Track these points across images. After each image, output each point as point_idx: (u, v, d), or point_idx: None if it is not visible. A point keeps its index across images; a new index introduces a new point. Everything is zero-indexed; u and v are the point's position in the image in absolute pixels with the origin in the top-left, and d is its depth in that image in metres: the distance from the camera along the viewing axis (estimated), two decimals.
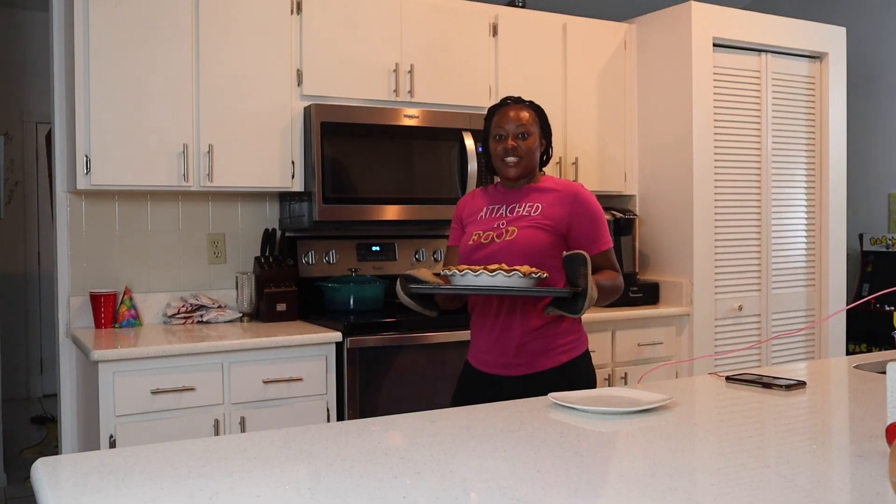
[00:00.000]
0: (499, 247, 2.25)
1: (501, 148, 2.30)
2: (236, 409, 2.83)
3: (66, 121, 3.18)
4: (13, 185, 6.16)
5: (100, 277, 3.25)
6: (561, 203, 2.27)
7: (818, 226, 4.26)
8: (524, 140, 2.29)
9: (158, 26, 3.02)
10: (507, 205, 2.32)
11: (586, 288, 1.99)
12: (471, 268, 2.04)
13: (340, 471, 1.19)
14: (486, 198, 2.41)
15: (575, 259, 2.03)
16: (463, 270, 2.03)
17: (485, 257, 2.25)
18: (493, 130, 2.34)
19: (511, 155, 2.28)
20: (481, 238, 2.29)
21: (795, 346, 4.20)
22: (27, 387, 6.25)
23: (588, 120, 3.98)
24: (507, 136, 2.29)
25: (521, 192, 2.33)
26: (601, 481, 1.15)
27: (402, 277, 2.09)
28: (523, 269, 2.03)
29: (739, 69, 4.00)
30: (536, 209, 2.27)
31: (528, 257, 2.19)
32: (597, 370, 3.69)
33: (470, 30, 3.66)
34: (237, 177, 3.16)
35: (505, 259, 2.21)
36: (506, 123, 2.30)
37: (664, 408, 1.60)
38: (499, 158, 2.31)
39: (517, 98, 2.39)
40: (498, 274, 1.99)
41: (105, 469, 1.20)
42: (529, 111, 2.34)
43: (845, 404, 1.80)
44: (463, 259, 2.34)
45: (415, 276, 2.07)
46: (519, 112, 2.33)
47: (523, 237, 2.23)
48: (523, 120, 2.31)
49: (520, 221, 2.26)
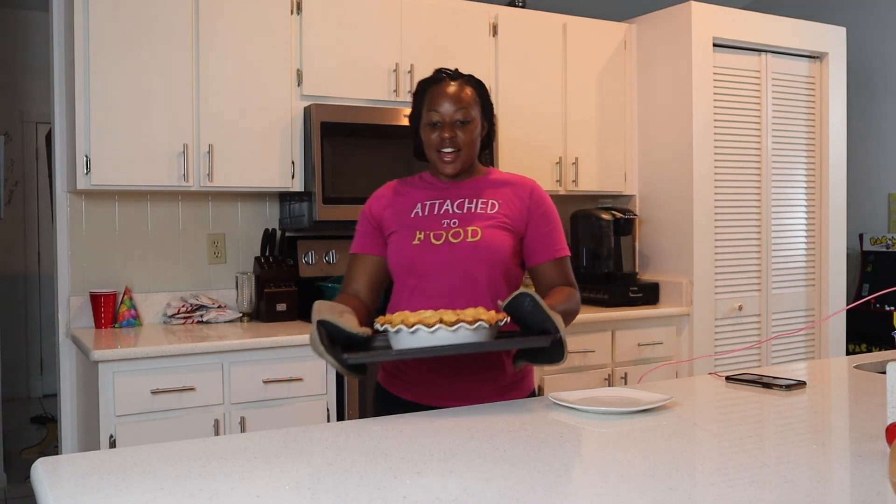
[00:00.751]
0: (456, 249, 1.88)
1: (437, 137, 1.92)
2: (236, 409, 2.83)
3: (66, 121, 3.18)
4: (13, 185, 6.16)
5: (100, 277, 3.25)
6: (518, 199, 1.97)
7: (818, 226, 4.26)
8: (464, 128, 1.92)
9: (158, 26, 3.02)
10: (453, 200, 1.96)
11: (561, 333, 1.62)
12: (423, 321, 1.57)
13: (340, 471, 1.19)
14: (416, 191, 2.01)
15: (529, 299, 1.63)
16: (413, 326, 1.57)
17: (440, 263, 1.88)
18: (427, 115, 1.94)
19: (448, 146, 1.91)
20: (431, 238, 1.90)
21: (795, 346, 4.20)
22: (27, 387, 6.25)
23: (588, 120, 3.98)
24: (442, 124, 1.92)
25: (468, 186, 1.99)
26: (601, 481, 1.15)
27: (321, 324, 1.61)
28: (487, 315, 1.62)
29: (739, 69, 4.00)
30: (493, 206, 1.94)
31: (496, 264, 1.88)
32: (597, 370, 3.70)
33: (470, 30, 3.66)
34: (237, 177, 3.16)
35: (467, 265, 1.87)
36: (441, 106, 1.91)
37: (664, 408, 1.60)
38: (433, 149, 1.93)
39: (454, 72, 1.98)
40: (460, 328, 1.57)
41: (105, 469, 1.20)
42: (469, 89, 1.95)
43: (845, 404, 1.80)
44: (400, 268, 1.92)
45: (338, 325, 1.61)
46: (457, 92, 1.92)
47: (490, 239, 1.89)
48: (463, 102, 1.92)
49: (480, 220, 1.91)
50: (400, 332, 1.59)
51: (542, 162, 3.85)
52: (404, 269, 1.92)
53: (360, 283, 1.98)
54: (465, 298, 1.86)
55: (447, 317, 1.59)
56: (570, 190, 3.94)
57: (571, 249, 4.12)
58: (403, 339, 1.60)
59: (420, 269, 1.89)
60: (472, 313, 1.62)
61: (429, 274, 1.89)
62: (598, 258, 3.99)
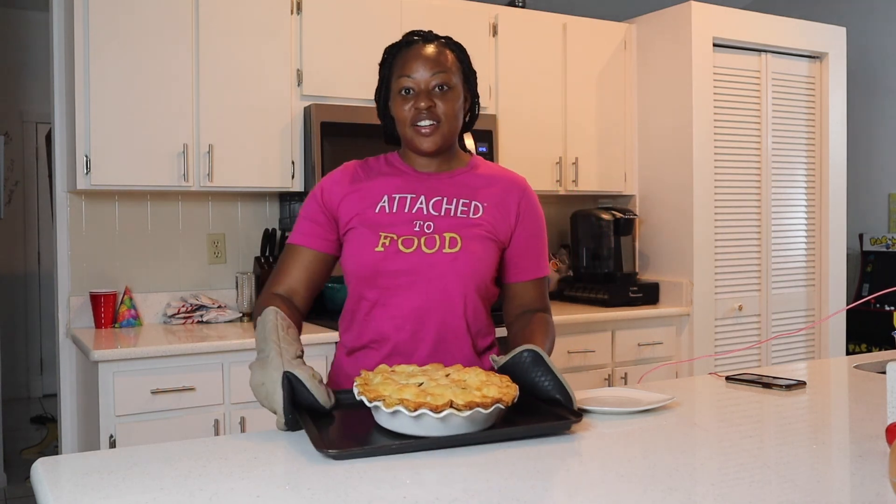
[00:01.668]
0: (430, 261, 1.56)
1: (411, 108, 1.57)
2: (236, 409, 2.83)
3: (66, 121, 3.18)
4: (13, 185, 6.16)
5: (100, 277, 3.25)
6: (506, 203, 1.66)
7: (818, 226, 4.26)
8: (443, 95, 1.58)
9: (159, 26, 3.02)
10: (429, 197, 1.63)
11: (571, 398, 1.40)
12: (404, 403, 1.25)
13: (341, 471, 1.19)
14: (382, 179, 1.65)
15: (540, 361, 1.40)
16: (416, 410, 1.24)
17: (408, 277, 1.56)
18: (397, 81, 1.59)
19: (426, 118, 1.57)
20: (399, 244, 1.57)
21: (795, 346, 4.20)
22: (27, 387, 6.25)
23: (588, 120, 3.98)
24: (417, 92, 1.58)
25: (447, 180, 1.65)
26: (601, 481, 1.15)
27: (288, 377, 1.34)
28: (503, 391, 1.32)
29: (739, 69, 4.00)
30: (477, 210, 1.63)
31: (476, 282, 1.60)
32: (597, 370, 3.69)
33: (470, 30, 3.66)
34: (237, 177, 3.16)
35: (442, 281, 1.56)
36: (415, 71, 1.57)
37: (664, 408, 1.60)
38: (407, 123, 1.59)
39: (428, 33, 1.64)
40: (476, 412, 1.26)
41: (105, 469, 1.20)
42: (449, 52, 1.62)
43: (845, 404, 1.80)
44: (358, 279, 1.60)
45: (308, 390, 1.35)
46: (435, 54, 1.59)
47: (472, 251, 1.58)
48: (442, 65, 1.58)
49: (460, 227, 1.59)
50: (398, 414, 1.27)
51: (542, 162, 3.85)
52: (363, 280, 1.60)
53: (297, 282, 1.64)
54: (436, 322, 1.59)
55: (458, 397, 1.26)
56: (570, 190, 3.94)
57: (572, 249, 4.16)
58: (402, 423, 1.28)
59: (383, 281, 1.58)
60: (475, 380, 1.34)
61: (394, 289, 1.58)
62: (598, 258, 3.99)
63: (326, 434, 1.31)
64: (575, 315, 3.53)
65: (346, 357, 1.69)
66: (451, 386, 1.31)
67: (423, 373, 1.38)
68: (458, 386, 1.31)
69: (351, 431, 1.36)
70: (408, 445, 1.25)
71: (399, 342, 1.61)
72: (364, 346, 1.65)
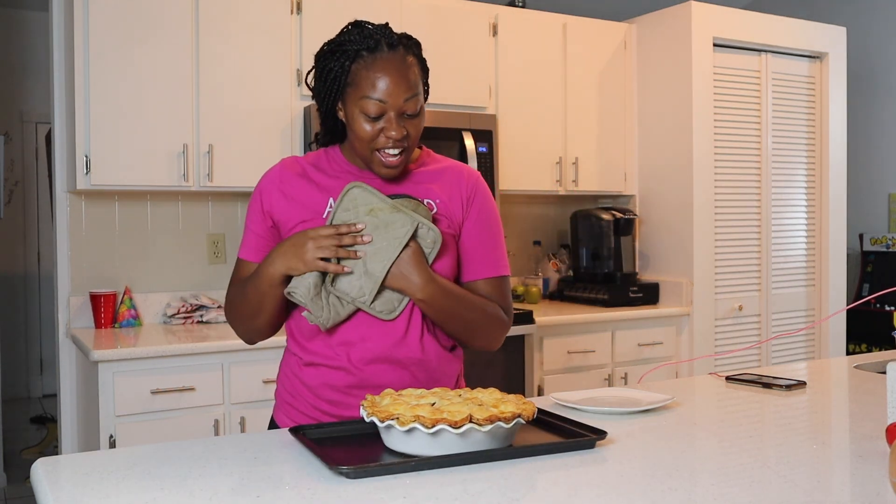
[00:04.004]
0: None
1: (382, 136, 1.44)
2: (236, 409, 2.83)
3: (66, 121, 3.18)
4: (13, 185, 6.16)
5: (100, 277, 3.25)
6: (455, 190, 1.55)
7: (818, 226, 4.26)
8: (413, 121, 1.45)
9: (158, 26, 3.02)
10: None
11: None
12: (420, 420, 1.17)
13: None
14: (328, 181, 1.52)
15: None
16: (408, 425, 1.18)
17: None
18: (363, 102, 1.42)
19: (395, 146, 1.44)
20: None
21: (795, 346, 4.20)
22: (27, 387, 6.25)
23: (588, 120, 3.98)
24: (388, 117, 1.43)
25: (400, 178, 1.54)
26: (601, 481, 1.15)
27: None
28: (523, 405, 1.27)
29: (739, 69, 4.00)
30: (432, 208, 1.53)
31: None
32: (597, 370, 3.70)
33: (470, 30, 3.66)
34: (237, 177, 3.16)
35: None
36: (386, 95, 1.41)
37: (664, 408, 1.60)
38: (367, 143, 1.44)
39: (387, 31, 1.46)
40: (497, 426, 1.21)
41: (105, 469, 1.20)
42: (412, 58, 1.46)
43: (845, 404, 1.80)
44: None
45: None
46: (403, 70, 1.43)
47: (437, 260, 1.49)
48: (413, 87, 1.44)
49: None
50: (414, 432, 1.19)
51: (542, 162, 3.85)
52: None
53: None
54: (392, 336, 1.48)
55: (477, 412, 1.20)
56: (570, 190, 3.94)
57: (571, 249, 4.16)
58: (418, 442, 1.20)
59: None
60: (490, 398, 1.28)
61: None
62: (598, 258, 3.99)
63: (332, 458, 1.20)
64: (575, 315, 3.53)
65: (305, 367, 1.56)
66: (468, 402, 1.24)
67: (434, 394, 1.31)
68: (474, 402, 1.25)
69: (360, 455, 1.25)
70: (424, 463, 1.17)
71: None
72: (320, 365, 1.53)
